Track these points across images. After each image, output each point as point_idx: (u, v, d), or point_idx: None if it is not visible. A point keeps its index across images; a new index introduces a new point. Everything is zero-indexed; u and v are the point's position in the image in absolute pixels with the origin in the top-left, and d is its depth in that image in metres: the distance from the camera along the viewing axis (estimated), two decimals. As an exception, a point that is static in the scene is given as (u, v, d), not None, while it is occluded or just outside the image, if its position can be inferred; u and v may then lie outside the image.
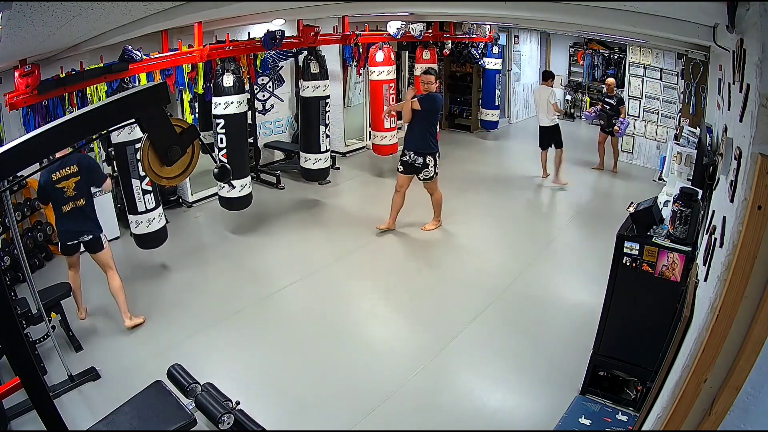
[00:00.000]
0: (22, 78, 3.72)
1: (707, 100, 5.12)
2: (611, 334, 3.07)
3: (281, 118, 7.67)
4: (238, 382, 3.31)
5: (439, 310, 4.21)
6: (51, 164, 3.55)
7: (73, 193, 3.67)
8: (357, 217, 6.13)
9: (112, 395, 3.02)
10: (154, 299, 4.25)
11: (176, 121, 1.72)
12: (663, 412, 1.64)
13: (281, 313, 4.18)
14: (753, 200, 1.23)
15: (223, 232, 5.59)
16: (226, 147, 5.01)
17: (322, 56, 5.84)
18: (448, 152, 8.55)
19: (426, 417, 3.08)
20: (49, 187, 3.62)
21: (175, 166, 1.77)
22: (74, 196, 3.67)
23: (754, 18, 1.31)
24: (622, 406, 3.06)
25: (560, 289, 4.58)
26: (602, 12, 3.02)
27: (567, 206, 6.44)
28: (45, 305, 3.26)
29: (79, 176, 3.67)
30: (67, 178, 3.64)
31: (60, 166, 3.62)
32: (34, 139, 1.31)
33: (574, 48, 11.10)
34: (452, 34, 8.55)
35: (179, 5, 2.98)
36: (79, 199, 3.69)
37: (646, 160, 8.05)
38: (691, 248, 2.62)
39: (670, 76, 7.51)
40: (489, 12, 5.55)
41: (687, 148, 3.65)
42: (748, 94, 1.36)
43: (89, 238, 3.77)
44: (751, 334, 1.29)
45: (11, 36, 2.41)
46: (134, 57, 4.40)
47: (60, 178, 3.62)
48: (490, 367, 3.55)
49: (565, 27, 7.31)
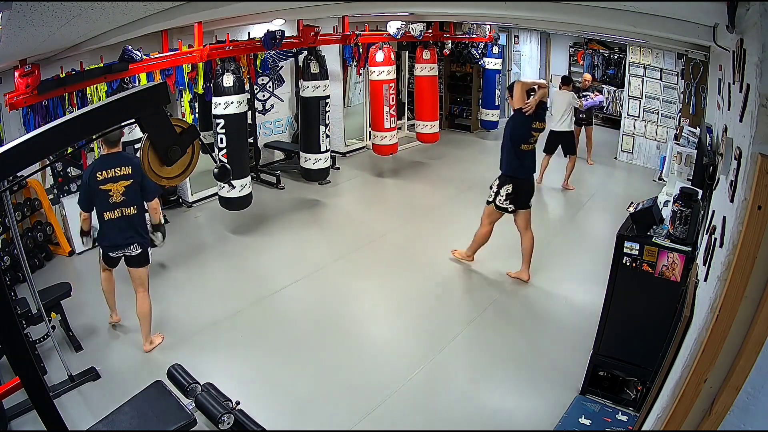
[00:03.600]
0: (22, 78, 3.73)
1: (707, 100, 5.13)
2: (611, 334, 3.07)
3: (281, 118, 7.67)
4: (238, 382, 3.30)
5: (439, 310, 4.21)
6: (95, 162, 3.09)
7: (120, 198, 3.18)
8: (357, 217, 6.13)
9: (112, 395, 3.02)
10: (153, 299, 4.23)
11: (176, 121, 1.72)
12: (663, 412, 1.64)
13: (281, 313, 4.18)
14: (753, 200, 1.23)
15: (223, 232, 5.59)
16: (226, 147, 5.01)
17: (322, 56, 5.85)
18: (448, 152, 8.57)
19: (426, 417, 3.08)
20: (93, 187, 3.16)
21: (175, 166, 1.77)
22: (122, 202, 3.19)
23: (754, 18, 1.31)
24: (622, 406, 3.06)
25: (560, 289, 4.57)
26: (602, 12, 3.02)
27: (567, 206, 6.44)
28: (45, 305, 3.26)
29: (131, 180, 3.19)
30: (115, 179, 3.15)
31: (108, 165, 3.14)
32: (34, 139, 1.30)
33: (574, 48, 11.09)
34: (452, 34, 8.55)
35: (179, 5, 2.98)
36: (128, 206, 3.22)
37: (646, 160, 8.05)
38: (691, 248, 2.62)
39: (670, 76, 7.51)
40: (489, 12, 5.55)
41: (687, 148, 3.65)
42: (748, 94, 1.36)
43: (137, 253, 3.33)
44: (751, 334, 1.29)
45: (11, 36, 2.41)
46: (134, 57, 4.40)
47: (106, 179, 3.15)
48: (490, 367, 3.55)
49: (565, 27, 7.32)
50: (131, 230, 3.33)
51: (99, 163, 3.24)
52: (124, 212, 3.25)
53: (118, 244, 3.34)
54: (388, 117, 6.92)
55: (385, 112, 6.92)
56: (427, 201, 6.59)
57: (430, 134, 7.78)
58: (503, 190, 4.39)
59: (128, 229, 3.32)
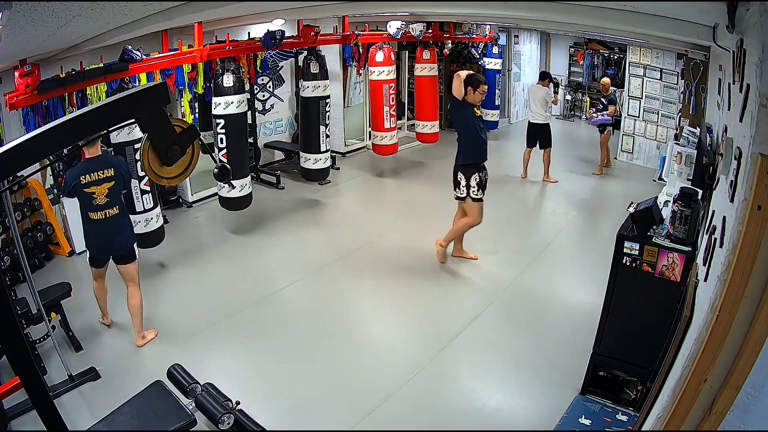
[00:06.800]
0: (22, 78, 3.72)
1: (707, 100, 5.12)
2: (611, 334, 3.07)
3: (281, 118, 7.67)
4: (238, 382, 3.31)
5: (439, 309, 4.21)
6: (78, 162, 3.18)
7: (104, 200, 3.27)
8: (357, 217, 6.13)
9: (112, 395, 3.02)
10: (153, 299, 4.24)
11: (176, 121, 1.72)
12: (663, 412, 1.64)
13: (281, 313, 4.18)
14: (753, 200, 1.23)
15: (223, 232, 5.59)
16: (226, 147, 5.01)
17: (322, 56, 5.85)
18: (448, 152, 8.53)
19: (426, 417, 3.08)
20: (77, 190, 3.24)
21: (175, 166, 1.77)
22: (106, 204, 3.27)
23: (754, 18, 1.31)
24: (622, 406, 3.06)
25: (560, 289, 4.57)
26: (602, 12, 3.01)
27: (567, 206, 6.43)
28: (45, 305, 3.26)
29: (114, 182, 3.27)
30: (99, 182, 3.23)
31: (91, 168, 3.23)
32: (34, 139, 1.30)
33: (574, 48, 11.10)
34: (452, 34, 8.55)
35: (179, 5, 2.98)
36: (111, 207, 3.30)
37: (646, 160, 8.05)
38: (691, 248, 2.62)
39: (670, 76, 7.51)
40: (489, 12, 5.55)
41: (687, 148, 3.65)
42: (748, 94, 1.36)
43: (122, 254, 3.45)
44: (751, 334, 1.29)
45: (11, 36, 2.41)
46: (134, 57, 4.40)
47: (90, 182, 3.23)
48: (490, 367, 3.55)
49: (565, 27, 7.32)
50: (117, 229, 3.41)
51: (82, 167, 3.29)
52: (108, 213, 3.34)
53: (103, 246, 3.45)
54: (388, 117, 6.92)
55: (385, 112, 6.92)
56: (427, 201, 6.59)
57: (430, 134, 7.78)
58: (473, 180, 4.46)
59: (115, 229, 3.40)
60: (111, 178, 3.29)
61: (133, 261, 3.55)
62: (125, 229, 3.48)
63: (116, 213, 3.36)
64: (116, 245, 3.45)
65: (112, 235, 3.40)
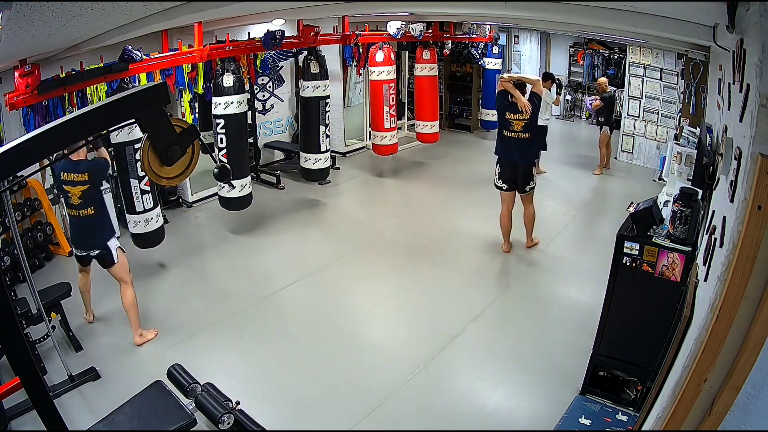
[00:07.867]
0: (22, 78, 3.72)
1: (707, 100, 5.12)
2: (611, 334, 3.07)
3: (281, 118, 7.67)
4: (238, 382, 3.31)
5: (439, 310, 4.20)
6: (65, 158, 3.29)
7: (78, 201, 3.39)
8: (357, 217, 6.13)
9: (112, 395, 3.02)
10: (153, 299, 4.25)
11: (176, 121, 1.73)
12: (663, 412, 1.64)
13: (281, 313, 4.18)
14: (753, 200, 1.23)
15: (223, 232, 5.59)
16: (226, 147, 5.01)
17: (322, 56, 5.84)
18: (448, 152, 8.57)
19: (426, 417, 3.08)
20: (58, 184, 3.44)
21: (175, 166, 1.77)
22: (79, 205, 3.41)
23: (754, 18, 1.31)
24: (622, 406, 3.06)
25: (560, 288, 4.57)
26: (602, 12, 3.01)
27: (567, 206, 6.43)
28: (45, 305, 3.26)
29: (88, 185, 3.39)
30: (74, 184, 3.37)
31: (70, 169, 3.37)
32: (34, 139, 1.31)
33: (574, 48, 11.08)
34: (452, 34, 8.55)
35: (179, 5, 2.98)
36: (85, 208, 3.43)
37: (646, 160, 8.05)
38: (691, 248, 2.62)
39: (670, 76, 7.51)
40: (489, 12, 5.55)
41: (687, 148, 3.64)
42: (748, 94, 1.36)
43: (97, 254, 3.56)
44: (751, 334, 1.29)
45: (11, 36, 2.41)
46: (134, 57, 4.40)
47: (67, 181, 3.38)
48: (490, 367, 3.55)
49: (565, 27, 7.31)
50: (91, 230, 3.52)
51: (64, 165, 3.40)
52: (82, 213, 3.45)
53: (80, 243, 3.57)
54: (388, 117, 6.91)
55: (385, 112, 6.92)
56: (427, 201, 6.60)
57: (430, 134, 7.78)
58: (495, 170, 4.92)
59: (89, 229, 3.52)
60: (85, 182, 3.39)
61: (115, 264, 3.60)
62: (101, 229, 3.56)
63: (91, 213, 3.47)
64: (90, 243, 3.56)
65: (85, 233, 3.54)
